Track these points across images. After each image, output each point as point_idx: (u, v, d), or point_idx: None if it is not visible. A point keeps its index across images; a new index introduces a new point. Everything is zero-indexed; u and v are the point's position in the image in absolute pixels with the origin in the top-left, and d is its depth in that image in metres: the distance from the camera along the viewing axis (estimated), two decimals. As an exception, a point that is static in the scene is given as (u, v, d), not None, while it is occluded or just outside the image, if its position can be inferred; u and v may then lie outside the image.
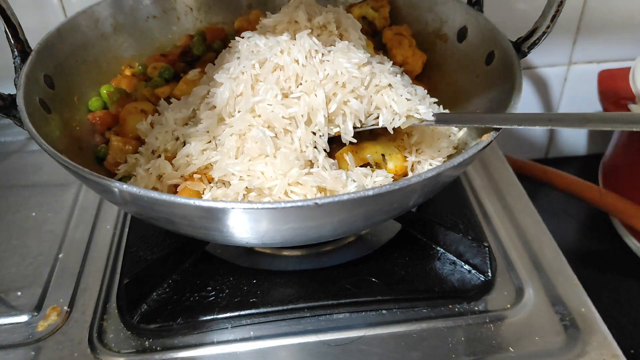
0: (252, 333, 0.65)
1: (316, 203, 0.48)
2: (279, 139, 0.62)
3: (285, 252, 0.74)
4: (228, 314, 0.65)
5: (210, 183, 0.64)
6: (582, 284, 0.70)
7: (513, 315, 0.67)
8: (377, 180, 0.64)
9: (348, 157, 0.65)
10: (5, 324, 0.67)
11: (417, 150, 0.70)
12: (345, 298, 0.67)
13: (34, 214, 0.84)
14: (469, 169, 0.90)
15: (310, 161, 0.62)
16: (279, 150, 0.61)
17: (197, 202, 0.49)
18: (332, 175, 0.60)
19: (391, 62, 0.70)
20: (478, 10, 0.77)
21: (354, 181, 0.61)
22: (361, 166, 0.67)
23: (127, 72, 0.82)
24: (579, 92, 1.10)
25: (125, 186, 0.51)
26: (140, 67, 0.82)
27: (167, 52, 0.84)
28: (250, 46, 0.68)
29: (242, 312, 0.66)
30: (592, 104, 1.10)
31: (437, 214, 0.76)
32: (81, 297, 0.70)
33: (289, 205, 0.48)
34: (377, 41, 0.86)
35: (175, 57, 0.83)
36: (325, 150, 0.64)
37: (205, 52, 0.83)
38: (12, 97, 0.61)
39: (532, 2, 0.95)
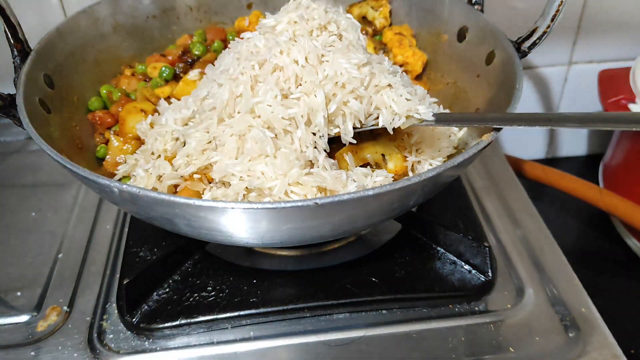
0: (252, 333, 0.65)
1: (316, 203, 0.48)
2: (279, 139, 0.62)
3: (286, 252, 0.74)
4: (228, 314, 0.65)
5: (210, 183, 0.64)
6: (582, 284, 0.70)
7: (513, 315, 0.67)
8: (377, 180, 0.64)
9: (348, 157, 0.65)
10: (5, 324, 0.67)
11: (417, 150, 0.70)
12: (345, 298, 0.67)
13: (33, 214, 0.84)
14: (469, 169, 0.90)
15: (311, 161, 0.62)
16: (279, 150, 0.61)
17: (197, 202, 0.49)
18: (332, 176, 0.60)
19: (391, 61, 0.70)
20: (478, 10, 0.77)
21: (354, 181, 0.61)
22: (361, 166, 0.67)
23: (127, 72, 0.82)
24: (579, 92, 1.10)
25: (124, 186, 0.51)
26: (140, 67, 0.82)
27: (167, 52, 0.84)
28: (249, 47, 0.67)
29: (242, 312, 0.66)
30: (592, 104, 1.10)
31: (437, 214, 0.76)
32: (81, 297, 0.70)
33: (288, 205, 0.48)
34: (377, 41, 0.86)
35: (175, 57, 0.83)
36: (325, 150, 0.63)
37: (205, 52, 0.83)
38: (12, 97, 0.61)
39: (532, 2, 0.95)
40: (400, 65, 0.81)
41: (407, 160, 0.68)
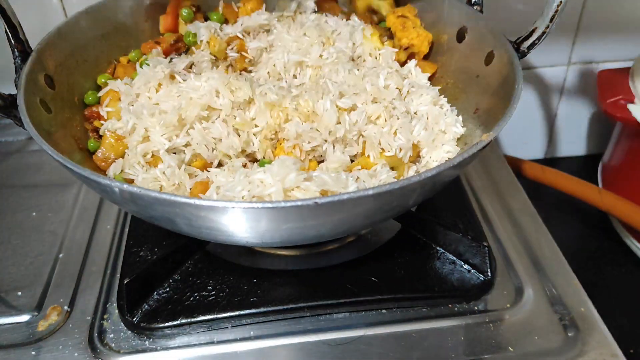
0: (252, 333, 0.65)
1: (316, 202, 0.48)
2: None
3: (286, 252, 0.74)
4: (228, 314, 0.66)
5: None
6: (582, 284, 0.70)
7: (513, 315, 0.67)
8: (379, 179, 0.64)
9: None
10: (5, 324, 0.67)
11: (417, 150, 0.70)
12: (345, 298, 0.67)
13: (34, 214, 0.84)
14: (469, 169, 0.90)
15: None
16: (276, 157, 0.61)
17: (198, 202, 0.49)
18: (333, 178, 0.60)
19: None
20: (478, 11, 0.77)
21: (356, 181, 0.61)
22: None
23: (123, 61, 0.81)
24: (579, 92, 1.10)
25: (125, 186, 0.51)
26: (134, 54, 0.81)
27: (161, 39, 0.83)
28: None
29: (242, 312, 0.66)
30: (591, 104, 1.10)
31: (437, 213, 0.76)
32: (81, 296, 0.70)
33: (288, 204, 0.49)
34: (382, 28, 0.85)
35: (167, 46, 0.82)
36: None
37: (195, 42, 0.82)
38: (13, 97, 0.61)
39: (532, 2, 0.95)
40: (406, 48, 0.80)
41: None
